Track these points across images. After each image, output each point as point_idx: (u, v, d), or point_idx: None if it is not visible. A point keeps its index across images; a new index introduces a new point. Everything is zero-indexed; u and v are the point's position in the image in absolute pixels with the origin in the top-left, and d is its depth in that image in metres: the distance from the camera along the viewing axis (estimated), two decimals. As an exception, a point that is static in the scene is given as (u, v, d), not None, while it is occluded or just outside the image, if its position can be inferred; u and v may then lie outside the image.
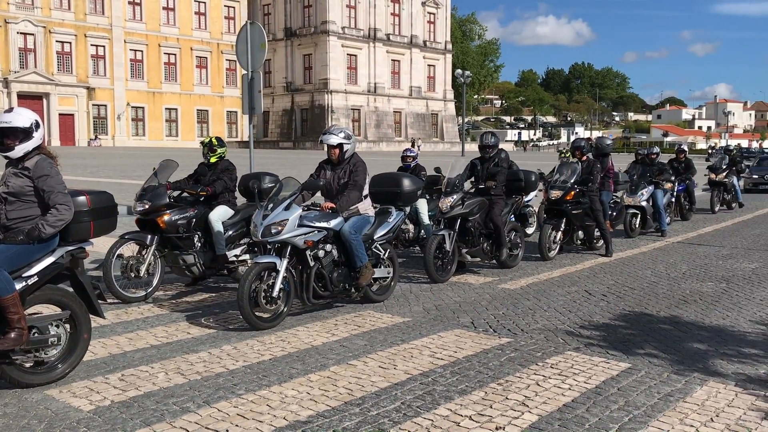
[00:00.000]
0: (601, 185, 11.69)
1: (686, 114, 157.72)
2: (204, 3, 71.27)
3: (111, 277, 7.36)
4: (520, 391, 4.93)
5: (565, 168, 11.25)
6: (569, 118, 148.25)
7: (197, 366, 5.44)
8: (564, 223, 10.89)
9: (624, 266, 10.28)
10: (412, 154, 11.54)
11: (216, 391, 4.88)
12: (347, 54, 75.43)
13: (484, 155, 9.83)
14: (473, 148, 77.32)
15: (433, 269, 8.79)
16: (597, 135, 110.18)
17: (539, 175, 11.49)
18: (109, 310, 7.22)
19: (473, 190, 9.61)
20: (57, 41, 61.72)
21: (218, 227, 8.05)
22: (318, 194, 7.64)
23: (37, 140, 4.94)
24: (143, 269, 7.59)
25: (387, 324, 6.80)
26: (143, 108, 67.83)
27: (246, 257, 8.39)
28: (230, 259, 8.18)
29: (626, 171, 14.23)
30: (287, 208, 6.69)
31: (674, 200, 15.42)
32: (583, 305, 7.68)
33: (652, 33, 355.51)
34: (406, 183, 8.42)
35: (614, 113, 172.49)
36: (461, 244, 9.33)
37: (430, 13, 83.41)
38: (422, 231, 10.72)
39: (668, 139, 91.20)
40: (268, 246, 6.81)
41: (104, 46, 64.70)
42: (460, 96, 69.74)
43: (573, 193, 10.80)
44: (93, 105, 63.86)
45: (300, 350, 5.90)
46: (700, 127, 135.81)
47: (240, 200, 8.73)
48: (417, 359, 5.65)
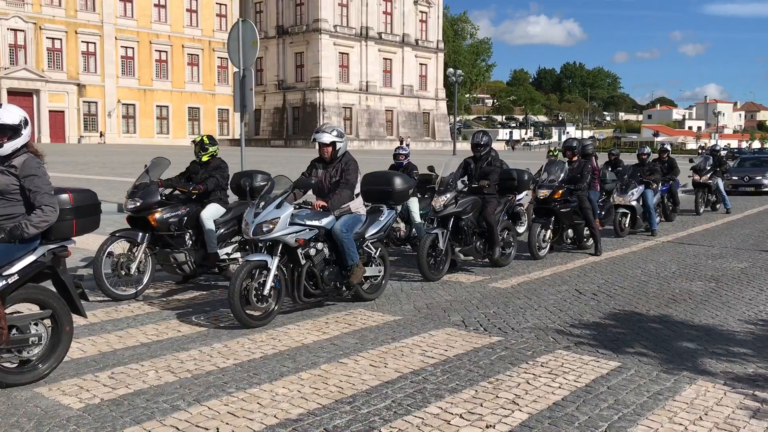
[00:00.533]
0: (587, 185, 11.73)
1: (677, 114, 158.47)
2: (196, 0, 71.01)
3: (101, 275, 7.33)
4: (511, 390, 4.94)
5: (553, 167, 11.29)
6: (560, 118, 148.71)
7: (188, 364, 5.43)
8: (553, 222, 10.93)
9: (614, 265, 10.32)
10: (404, 152, 11.55)
11: (206, 389, 4.88)
12: (339, 52, 75.35)
13: (477, 154, 9.85)
14: (465, 147, 77.46)
15: (427, 268, 8.81)
16: (585, 135, 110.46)
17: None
18: (99, 308, 7.20)
19: (466, 189, 9.64)
20: (47, 37, 61.33)
21: (210, 225, 8.03)
22: (310, 193, 7.63)
23: (25, 138, 4.90)
24: (134, 267, 7.57)
25: (378, 322, 6.80)
26: (134, 105, 67.53)
27: (237, 255, 8.37)
28: (221, 258, 8.16)
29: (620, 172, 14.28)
30: (279, 207, 6.69)
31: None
32: (574, 304, 7.71)
33: (643, 33, 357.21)
34: (398, 182, 8.42)
35: (605, 113, 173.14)
36: (454, 243, 9.34)
37: (423, 12, 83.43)
38: (413, 230, 10.73)
39: (659, 139, 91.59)
40: (260, 244, 6.79)
41: (95, 43, 64.35)
42: (452, 95, 69.80)
43: (560, 192, 10.85)
44: (83, 102, 63.51)
45: (291, 348, 5.90)
46: (691, 128, 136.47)
47: (232, 198, 8.71)
48: (408, 358, 5.66)
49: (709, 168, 18.56)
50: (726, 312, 7.43)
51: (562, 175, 11.01)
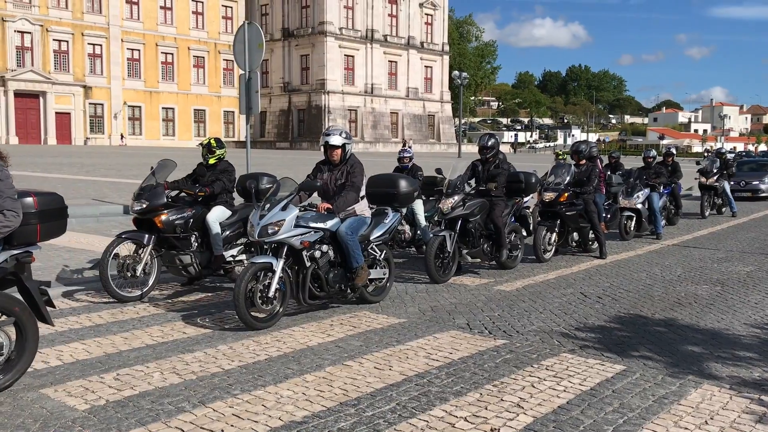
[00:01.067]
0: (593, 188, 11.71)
1: (682, 117, 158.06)
2: (201, 3, 71.17)
3: (107, 276, 7.35)
4: (515, 393, 4.94)
5: (559, 170, 11.28)
6: (566, 121, 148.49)
7: (193, 366, 5.44)
8: (558, 225, 10.92)
9: (619, 269, 10.30)
10: (409, 155, 11.55)
11: (211, 391, 4.89)
12: (344, 55, 75.40)
13: (483, 157, 9.86)
14: (470, 150, 77.43)
15: (434, 270, 8.83)
16: (592, 138, 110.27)
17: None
18: (105, 309, 7.22)
19: (474, 192, 9.64)
20: (54, 40, 61.54)
21: (215, 227, 8.05)
22: (315, 195, 7.64)
23: None
24: (140, 269, 7.58)
25: (383, 325, 6.80)
26: (140, 107, 67.68)
27: (243, 257, 8.38)
28: (227, 259, 8.18)
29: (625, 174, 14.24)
30: (284, 209, 6.69)
31: None
32: (579, 307, 7.70)
33: (648, 36, 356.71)
34: (403, 184, 8.42)
35: (611, 116, 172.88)
36: (462, 245, 9.37)
37: (428, 15, 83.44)
38: (418, 232, 10.73)
39: (664, 142, 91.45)
40: (265, 246, 6.80)
41: (101, 45, 64.55)
42: (457, 97, 69.78)
43: (566, 195, 10.84)
44: (90, 104, 63.69)
45: (296, 350, 5.91)
46: (696, 131, 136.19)
47: (238, 200, 8.73)
48: (412, 360, 5.66)
49: (716, 171, 18.51)
50: (732, 316, 7.41)
51: (568, 178, 10.99)
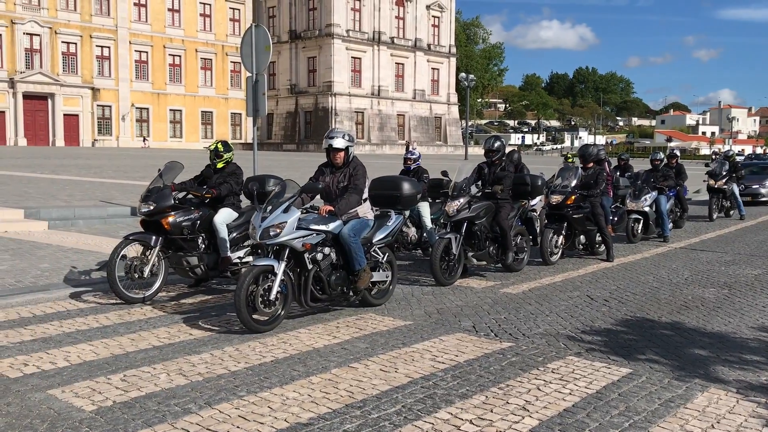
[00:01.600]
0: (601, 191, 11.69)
1: (690, 119, 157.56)
2: (209, 5, 71.42)
3: (115, 278, 7.38)
4: (521, 396, 4.93)
5: (566, 172, 11.26)
6: (573, 123, 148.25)
7: (199, 367, 5.46)
8: (565, 228, 10.90)
9: (626, 271, 10.28)
10: (414, 157, 11.55)
11: (217, 393, 4.90)
12: (351, 57, 75.53)
13: (489, 159, 9.85)
14: (477, 152, 77.36)
15: (440, 272, 8.80)
16: (599, 140, 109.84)
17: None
18: (112, 311, 7.25)
19: (480, 194, 9.64)
20: (62, 42, 61.86)
21: (222, 229, 8.07)
22: (318, 197, 7.65)
23: None
24: (147, 270, 7.61)
25: (388, 327, 6.81)
26: (148, 109, 67.94)
27: (250, 259, 8.40)
28: (234, 261, 8.20)
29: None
30: (286, 211, 6.64)
31: None
32: (585, 310, 7.69)
33: (656, 38, 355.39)
34: (406, 186, 8.33)
35: (618, 118, 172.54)
36: (467, 248, 9.32)
37: (435, 17, 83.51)
38: (424, 234, 10.73)
39: (672, 144, 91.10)
40: (267, 249, 6.79)
41: (109, 47, 64.84)
42: (464, 99, 69.76)
43: (573, 198, 10.82)
44: (97, 106, 63.98)
45: (301, 352, 5.92)
46: (704, 133, 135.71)
47: (245, 202, 8.75)
48: (418, 363, 5.66)
49: (725, 173, 18.44)
50: (739, 319, 7.38)
51: (575, 181, 10.97)
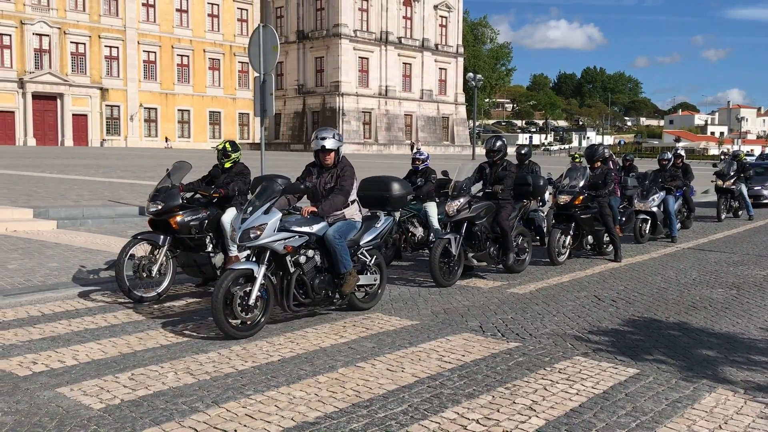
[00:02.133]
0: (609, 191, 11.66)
1: (698, 119, 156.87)
2: (217, 5, 71.59)
3: (123, 277, 7.42)
4: (528, 396, 4.93)
5: (574, 172, 11.23)
6: (581, 123, 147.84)
7: (206, 366, 5.48)
8: (573, 228, 10.87)
9: (634, 272, 10.25)
10: (422, 157, 11.54)
11: (225, 392, 4.92)
12: (359, 57, 75.56)
13: (491, 159, 9.80)
14: (484, 152, 77.22)
15: (439, 273, 8.73)
16: (607, 140, 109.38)
17: (548, 180, 11.47)
18: (120, 310, 7.29)
19: (481, 194, 9.60)
20: (71, 42, 62.16)
21: (230, 229, 8.10)
22: (306, 198, 7.59)
23: None
24: (155, 269, 7.64)
25: (395, 327, 6.82)
26: (156, 109, 68.17)
27: None
28: (241, 261, 8.21)
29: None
30: (266, 212, 6.41)
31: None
32: (592, 310, 7.68)
33: (664, 38, 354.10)
34: (396, 187, 8.11)
35: (626, 118, 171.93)
36: (468, 248, 9.24)
37: (442, 17, 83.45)
38: (431, 234, 10.73)
39: (680, 144, 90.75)
40: (248, 251, 6.59)
41: (118, 48, 65.10)
42: (472, 99, 69.67)
43: (581, 198, 10.78)
44: (106, 106, 64.25)
45: (308, 352, 5.93)
46: (713, 133, 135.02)
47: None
48: (425, 362, 5.67)
49: (733, 173, 18.32)
50: (747, 320, 7.35)
51: (583, 181, 10.94)
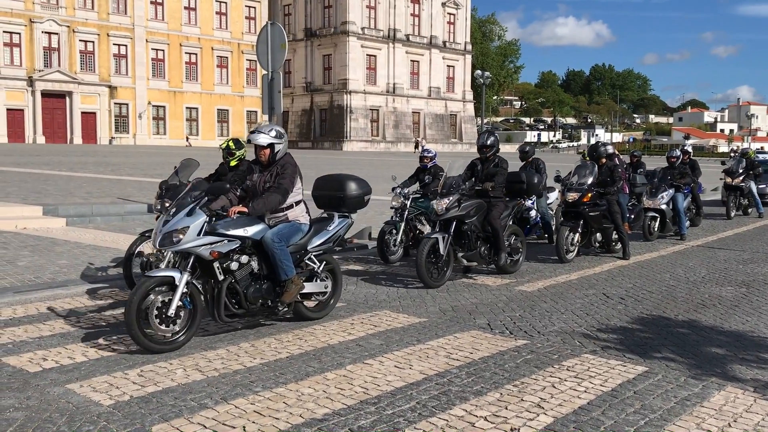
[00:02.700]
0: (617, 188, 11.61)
1: (708, 117, 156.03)
2: (225, 3, 71.68)
3: (130, 274, 7.44)
4: (536, 393, 4.93)
5: (582, 170, 11.20)
6: (589, 120, 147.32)
7: (215, 363, 5.50)
8: (581, 226, 10.84)
9: (642, 269, 10.22)
10: (430, 155, 11.52)
11: (233, 388, 4.94)
12: (366, 54, 75.54)
13: (483, 156, 9.51)
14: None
15: (425, 273, 8.41)
16: (616, 138, 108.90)
17: (556, 177, 11.44)
18: (129, 307, 7.30)
19: (471, 192, 9.20)
20: (80, 40, 62.37)
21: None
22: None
23: None
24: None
25: (403, 324, 6.82)
26: (164, 107, 68.34)
27: None
28: None
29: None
30: (190, 214, 5.91)
31: None
32: (601, 308, 7.66)
33: (673, 35, 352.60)
34: (352, 187, 7.53)
35: (635, 115, 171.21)
36: (457, 248, 8.93)
37: (450, 14, 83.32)
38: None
39: (689, 142, 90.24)
40: (174, 257, 6.12)
41: (126, 46, 65.29)
42: (480, 97, 69.54)
43: (590, 195, 10.75)
44: (115, 103, 64.46)
45: (317, 349, 5.95)
46: (723, 130, 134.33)
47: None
48: (433, 360, 5.67)
49: (742, 171, 18.23)
50: (757, 318, 7.32)
51: (592, 178, 10.91)
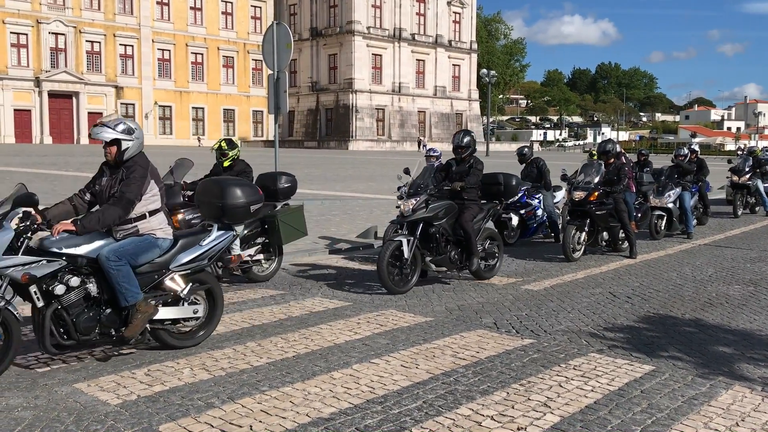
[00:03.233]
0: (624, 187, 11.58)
1: (715, 115, 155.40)
2: (231, 3, 71.83)
3: None
4: (543, 392, 4.92)
5: (589, 168, 11.17)
6: (596, 119, 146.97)
7: (222, 362, 5.51)
8: (588, 224, 10.81)
9: (649, 268, 10.19)
10: (436, 154, 11.53)
11: (240, 387, 4.95)
12: (372, 54, 75.51)
13: (458, 156, 8.97)
14: (498, 148, 76.95)
15: (388, 278, 7.90)
16: (622, 136, 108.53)
17: (563, 176, 11.42)
18: (136, 307, 7.33)
19: (439, 192, 8.61)
20: (87, 41, 62.65)
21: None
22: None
23: None
24: None
25: (409, 323, 6.82)
26: (170, 107, 68.55)
27: (261, 257, 8.37)
28: (245, 259, 8.13)
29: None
30: None
31: None
32: (607, 307, 7.64)
33: (679, 33, 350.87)
34: (234, 195, 6.52)
35: (641, 113, 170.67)
36: (425, 252, 8.39)
37: (456, 13, 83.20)
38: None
39: (696, 140, 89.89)
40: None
41: (132, 46, 65.53)
42: (485, 96, 69.47)
43: (596, 194, 10.72)
44: (121, 104, 64.71)
45: (323, 348, 5.95)
46: (729, 129, 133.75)
47: None
48: (439, 359, 5.67)
49: (748, 169, 18.14)
50: (764, 317, 7.29)
51: (598, 177, 10.88)
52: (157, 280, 5.67)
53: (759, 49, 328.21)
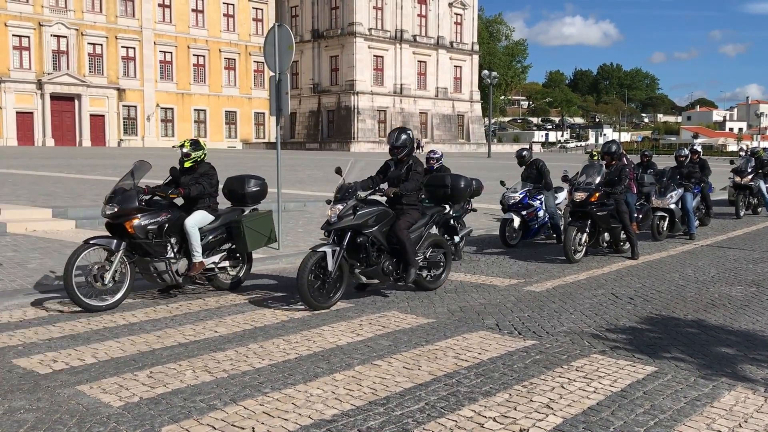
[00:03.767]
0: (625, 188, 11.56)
1: (717, 115, 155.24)
2: (232, 5, 71.92)
3: (71, 284, 6.88)
4: (545, 394, 4.92)
5: (590, 169, 11.16)
6: (597, 120, 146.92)
7: (224, 364, 5.52)
8: (589, 225, 10.80)
9: (651, 269, 10.18)
10: (436, 156, 11.52)
11: (242, 389, 4.95)
12: (374, 55, 75.54)
13: (395, 158, 8.17)
14: (499, 150, 76.90)
15: (307, 292, 7.13)
16: (624, 137, 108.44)
17: (564, 177, 11.41)
18: (139, 308, 7.34)
19: (370, 197, 7.92)
20: (89, 43, 62.77)
21: (194, 233, 7.63)
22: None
23: None
24: (108, 276, 7.11)
25: (411, 325, 6.82)
26: (172, 109, 68.64)
27: (226, 264, 8.14)
28: (209, 266, 7.90)
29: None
30: None
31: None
32: (610, 308, 7.63)
33: (681, 33, 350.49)
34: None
35: (643, 114, 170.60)
36: (354, 262, 7.69)
37: (457, 14, 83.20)
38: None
39: (698, 141, 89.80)
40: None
41: (134, 48, 65.64)
42: (487, 97, 69.48)
43: (597, 195, 10.71)
44: (123, 106, 64.80)
45: (325, 350, 5.95)
46: (731, 129, 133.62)
47: (225, 203, 8.44)
48: (441, 360, 5.67)
49: (751, 170, 18.11)
50: (767, 318, 7.28)
51: (600, 178, 10.87)
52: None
53: (761, 50, 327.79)
